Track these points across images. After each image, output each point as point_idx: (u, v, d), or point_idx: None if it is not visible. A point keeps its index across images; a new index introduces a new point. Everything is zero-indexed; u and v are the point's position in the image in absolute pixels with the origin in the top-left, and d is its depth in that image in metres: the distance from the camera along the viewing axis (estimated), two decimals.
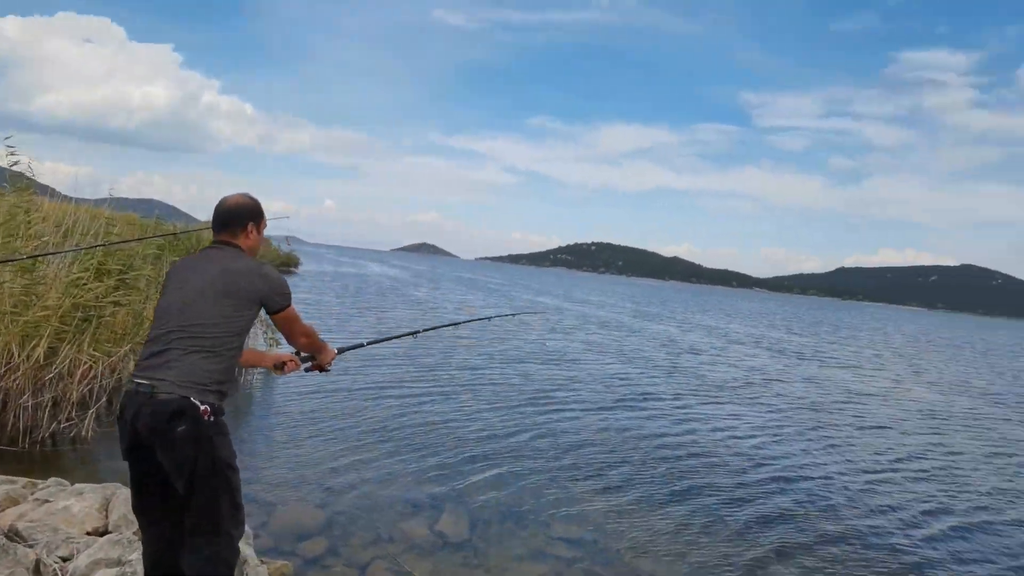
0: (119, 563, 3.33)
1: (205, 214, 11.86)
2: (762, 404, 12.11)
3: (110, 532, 3.96)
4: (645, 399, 11.35)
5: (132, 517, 4.07)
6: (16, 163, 7.92)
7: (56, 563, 3.37)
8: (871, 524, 6.24)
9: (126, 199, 12.30)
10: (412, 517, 5.25)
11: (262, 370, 9.36)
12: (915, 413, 13.24)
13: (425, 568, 4.42)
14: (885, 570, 5.27)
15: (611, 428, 8.97)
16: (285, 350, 3.16)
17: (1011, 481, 8.47)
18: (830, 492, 7.07)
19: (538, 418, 9.08)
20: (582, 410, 9.92)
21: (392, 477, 6.11)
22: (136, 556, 3.28)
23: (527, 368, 13.39)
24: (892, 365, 23.29)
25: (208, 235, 4.01)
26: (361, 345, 3.65)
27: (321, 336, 3.03)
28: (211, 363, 2.46)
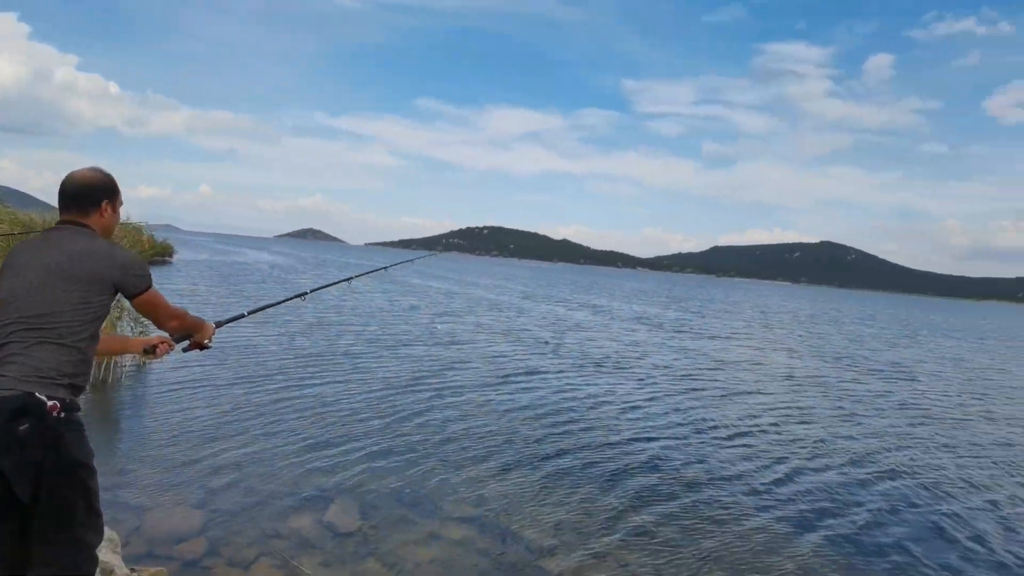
0: None
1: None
2: (638, 375, 12.84)
3: None
4: (529, 376, 11.65)
5: None
6: None
7: None
8: (723, 474, 6.99)
9: None
10: (299, 510, 5.07)
11: (131, 360, 8.70)
12: (770, 376, 14.59)
13: (314, 562, 4.29)
14: (726, 511, 5.91)
15: (497, 406, 9.13)
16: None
17: (844, 430, 9.61)
18: (695, 451, 7.73)
19: (425, 400, 9.07)
20: (468, 390, 10.02)
21: (276, 471, 5.86)
22: None
23: (413, 351, 13.32)
24: (755, 335, 25.29)
25: None
26: (242, 315, 3.35)
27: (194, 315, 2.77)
28: (59, 355, 2.22)
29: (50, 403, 2.16)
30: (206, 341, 2.85)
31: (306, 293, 4.05)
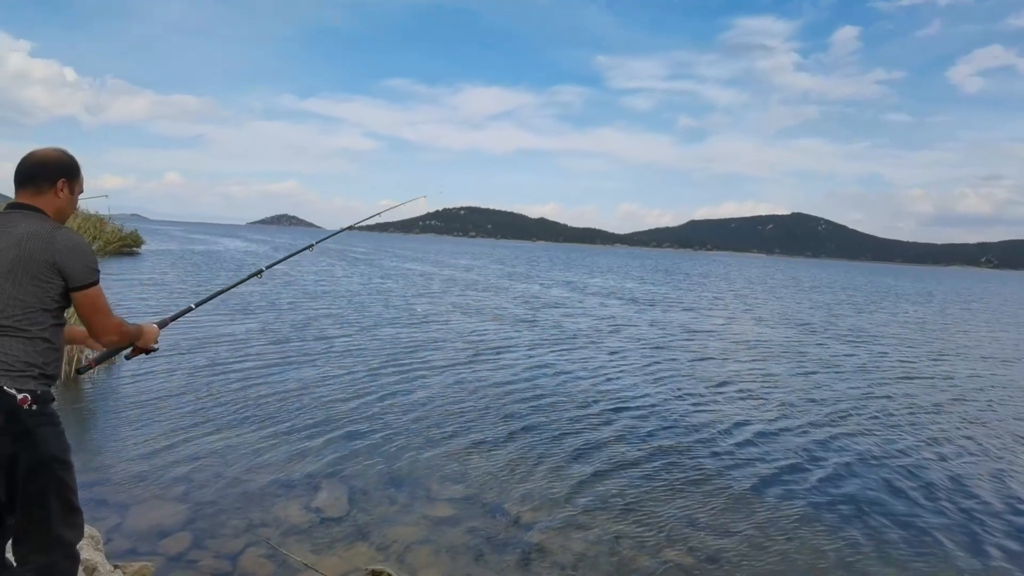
0: None
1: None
2: (611, 347, 13.10)
3: None
4: (505, 353, 11.78)
5: None
6: None
7: None
8: (697, 438, 7.28)
9: None
10: (286, 498, 5.00)
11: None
12: (740, 344, 14.99)
13: (303, 549, 4.22)
14: (700, 473, 6.18)
15: (475, 383, 9.19)
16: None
17: (808, 392, 10.02)
18: (667, 418, 8.02)
19: (404, 380, 9.09)
20: (446, 369, 10.07)
21: (260, 459, 5.78)
22: None
23: (390, 332, 13.31)
24: (728, 305, 25.90)
25: None
26: (189, 309, 3.10)
27: (131, 322, 2.56)
28: (24, 346, 2.13)
29: (20, 396, 2.07)
30: (152, 345, 2.64)
31: (262, 271, 3.76)
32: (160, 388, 7.94)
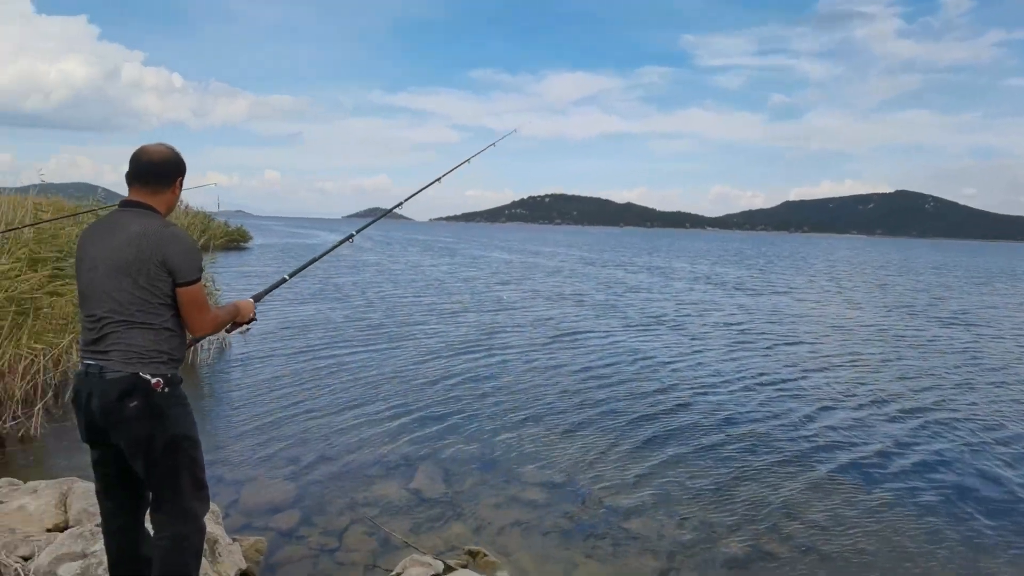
0: (83, 556, 3.21)
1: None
2: (698, 331, 12.89)
3: (71, 526, 3.82)
4: (588, 337, 11.80)
5: (93, 510, 3.95)
6: None
7: (17, 563, 3.24)
8: (779, 422, 7.09)
9: (53, 184, 11.72)
10: (385, 479, 5.23)
11: (212, 341, 9.12)
12: (833, 328, 14.33)
13: (403, 527, 4.42)
14: (800, 465, 5.90)
15: (560, 367, 9.27)
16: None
17: (904, 379, 9.43)
18: (764, 407, 7.70)
19: (491, 365, 9.27)
20: (531, 353, 10.20)
21: (359, 441, 6.06)
22: (99, 547, 3.16)
23: (475, 318, 13.61)
24: (823, 288, 24.69)
25: None
26: (283, 280, 3.24)
27: (227, 301, 2.74)
28: (152, 335, 2.32)
29: (154, 380, 2.27)
30: (248, 317, 2.75)
31: (352, 236, 3.99)
32: (263, 372, 8.49)
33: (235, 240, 34.66)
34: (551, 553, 4.23)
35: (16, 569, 3.19)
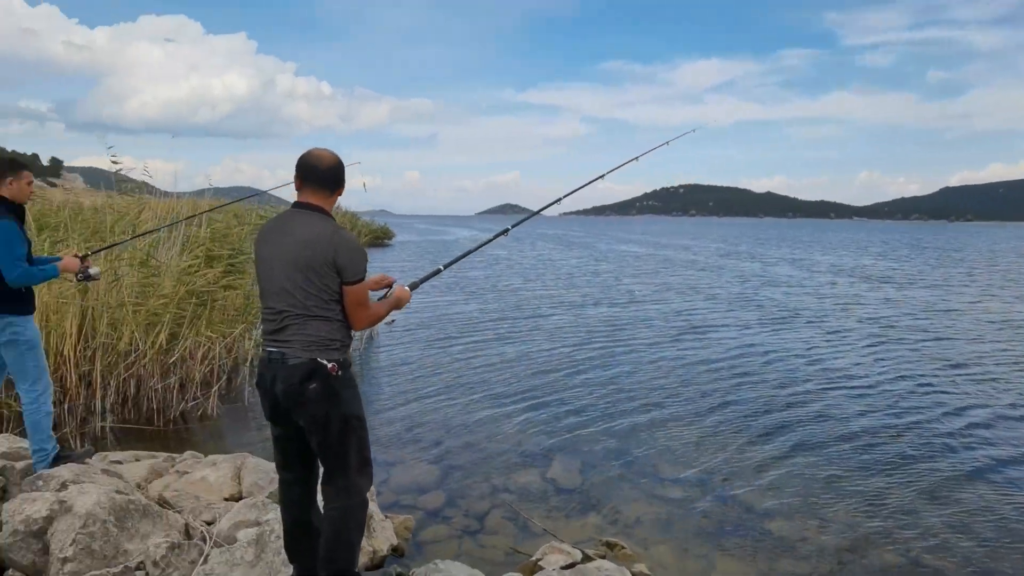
0: (257, 523, 3.56)
1: (294, 195, 12.42)
2: (848, 329, 11.96)
3: (244, 497, 4.24)
4: (726, 333, 11.40)
5: (263, 483, 4.36)
6: (120, 168, 8.48)
7: (203, 526, 3.65)
8: (956, 437, 6.29)
9: (220, 188, 12.96)
10: (523, 467, 5.36)
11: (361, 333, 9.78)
12: (991, 324, 12.92)
13: (541, 514, 4.52)
14: (966, 476, 5.30)
15: (697, 363, 9.03)
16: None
17: None
18: (919, 411, 6.97)
19: (625, 360, 9.20)
20: (666, 348, 10.02)
21: (497, 429, 6.26)
22: (271, 516, 3.49)
23: (607, 311, 13.49)
24: (984, 283, 22.01)
25: None
26: (439, 271, 3.35)
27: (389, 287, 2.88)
28: (326, 325, 2.52)
29: (329, 365, 2.48)
30: (403, 304, 2.90)
31: (508, 230, 3.98)
32: (405, 360, 8.99)
33: (380, 238, 36.98)
34: (690, 549, 4.15)
35: (202, 532, 3.59)
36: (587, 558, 3.73)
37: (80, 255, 4.20)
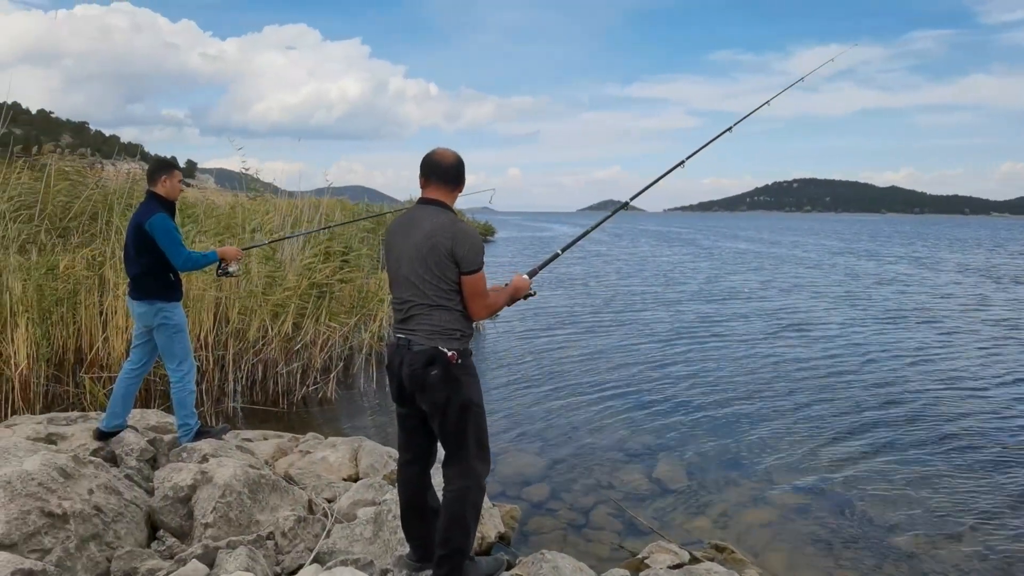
0: (374, 503, 3.75)
1: (403, 194, 12.94)
2: (982, 335, 10.97)
3: (361, 478, 4.48)
4: (843, 334, 10.81)
5: (378, 465, 4.59)
6: (248, 168, 9.19)
7: (324, 503, 3.89)
8: None
9: (335, 187, 13.64)
10: (628, 465, 5.34)
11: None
12: None
13: (647, 513, 4.48)
14: None
15: (807, 366, 8.63)
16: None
17: None
18: None
19: (733, 360, 8.95)
20: (776, 349, 9.63)
21: (600, 425, 6.25)
22: (388, 497, 3.67)
23: (714, 309, 13.06)
24: None
25: None
26: (556, 255, 3.40)
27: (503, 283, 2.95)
28: (448, 315, 2.64)
29: (450, 353, 2.60)
30: (527, 293, 2.94)
31: (627, 203, 4.01)
32: (510, 353, 9.18)
33: (483, 234, 37.71)
34: (805, 559, 4.00)
35: (324, 509, 3.83)
36: (695, 560, 3.67)
37: (244, 248, 4.60)
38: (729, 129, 4.12)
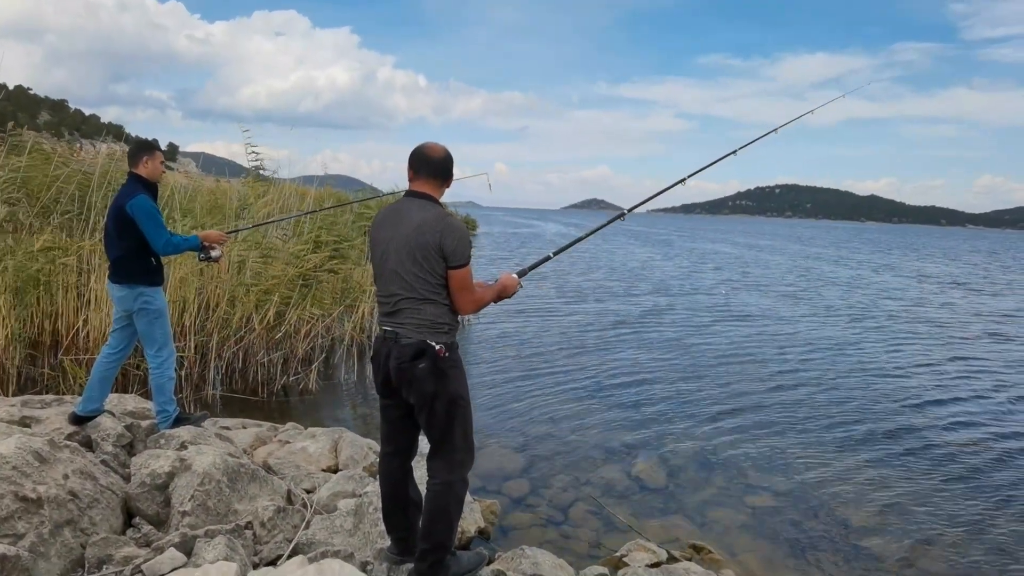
0: (354, 495, 3.73)
1: (387, 185, 12.87)
2: (960, 346, 11.10)
3: (341, 469, 4.45)
4: (831, 344, 10.82)
5: (358, 457, 4.57)
6: (257, 158, 9.04)
7: (303, 494, 3.86)
8: None
9: (318, 176, 13.50)
10: (608, 463, 5.36)
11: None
12: None
13: (625, 511, 4.51)
14: None
15: (796, 375, 8.63)
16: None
17: None
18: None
19: (713, 363, 9.00)
20: (762, 355, 9.66)
21: (581, 423, 6.27)
22: (369, 489, 3.66)
23: (696, 314, 13.13)
24: None
25: None
26: (548, 258, 3.31)
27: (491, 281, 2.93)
28: (436, 309, 2.63)
29: (437, 347, 2.59)
30: (512, 292, 2.92)
31: (624, 214, 3.86)
32: (495, 350, 9.14)
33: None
34: (779, 560, 4.05)
35: (303, 499, 3.80)
36: (672, 559, 3.70)
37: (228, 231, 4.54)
38: (734, 152, 4.22)
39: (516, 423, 6.19)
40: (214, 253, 4.32)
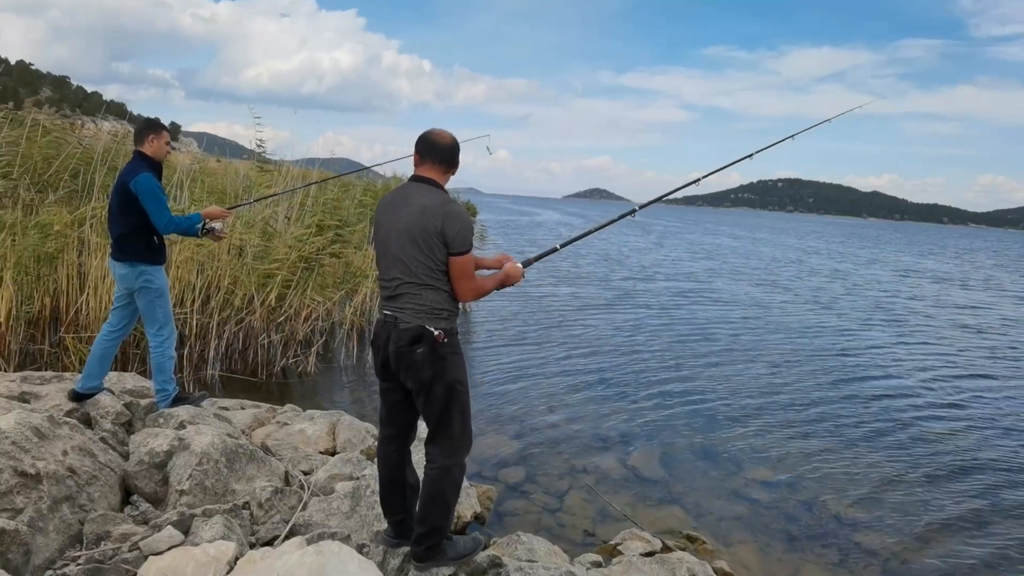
0: (351, 478, 3.75)
1: (389, 169, 12.74)
2: (966, 344, 11.09)
3: (338, 452, 4.47)
4: (833, 340, 10.79)
5: (355, 440, 4.58)
6: (263, 142, 8.97)
7: (301, 475, 3.87)
8: None
9: (319, 158, 13.39)
10: (604, 452, 5.38)
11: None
12: None
13: (620, 500, 4.53)
14: None
15: (794, 368, 8.64)
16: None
17: None
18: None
19: (713, 356, 8.99)
20: (764, 349, 9.63)
21: (578, 412, 6.29)
22: (367, 472, 3.67)
23: (697, 306, 13.13)
24: None
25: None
26: (555, 250, 3.26)
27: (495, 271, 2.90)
28: (436, 295, 2.63)
29: (436, 332, 2.59)
30: (514, 282, 2.89)
31: (635, 210, 3.75)
32: (494, 338, 9.15)
33: None
34: (773, 553, 4.07)
35: (301, 481, 3.82)
36: (667, 548, 3.72)
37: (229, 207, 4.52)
38: (750, 156, 4.19)
39: (514, 410, 6.20)
40: (216, 226, 4.30)
